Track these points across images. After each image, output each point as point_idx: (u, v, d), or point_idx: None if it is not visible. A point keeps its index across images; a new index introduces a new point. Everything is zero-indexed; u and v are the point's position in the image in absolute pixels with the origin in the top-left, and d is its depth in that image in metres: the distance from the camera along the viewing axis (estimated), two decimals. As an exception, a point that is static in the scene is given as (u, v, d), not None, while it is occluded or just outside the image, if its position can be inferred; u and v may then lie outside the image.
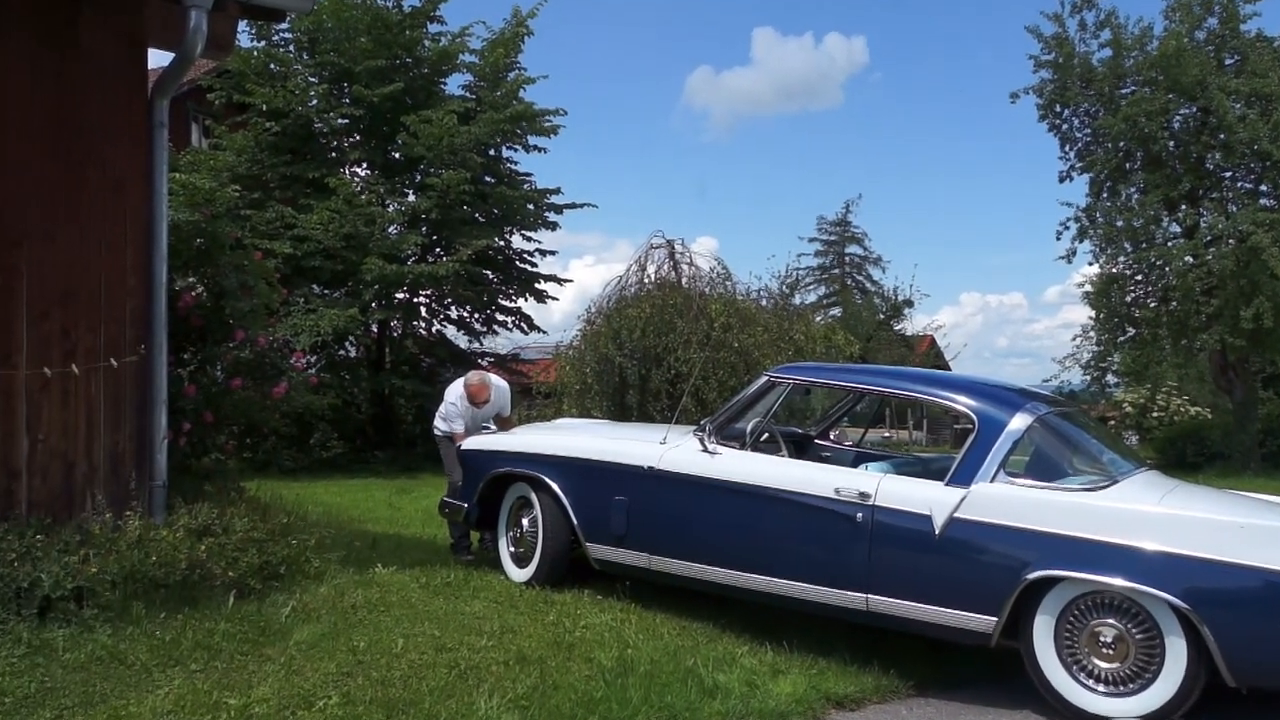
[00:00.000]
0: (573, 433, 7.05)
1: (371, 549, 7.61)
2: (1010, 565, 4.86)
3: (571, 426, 7.81)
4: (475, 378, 7.64)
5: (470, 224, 16.98)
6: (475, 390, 7.55)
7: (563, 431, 7.24)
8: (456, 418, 7.56)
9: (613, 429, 7.74)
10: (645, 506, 6.01)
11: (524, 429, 7.78)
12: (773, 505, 5.50)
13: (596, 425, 8.13)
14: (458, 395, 7.60)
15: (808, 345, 14.83)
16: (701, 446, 5.89)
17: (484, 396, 7.58)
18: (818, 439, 7.06)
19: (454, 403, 7.58)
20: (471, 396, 7.55)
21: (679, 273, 15.90)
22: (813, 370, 6.89)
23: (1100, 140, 19.33)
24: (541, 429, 7.65)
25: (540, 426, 8.00)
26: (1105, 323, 20.09)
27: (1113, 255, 19.30)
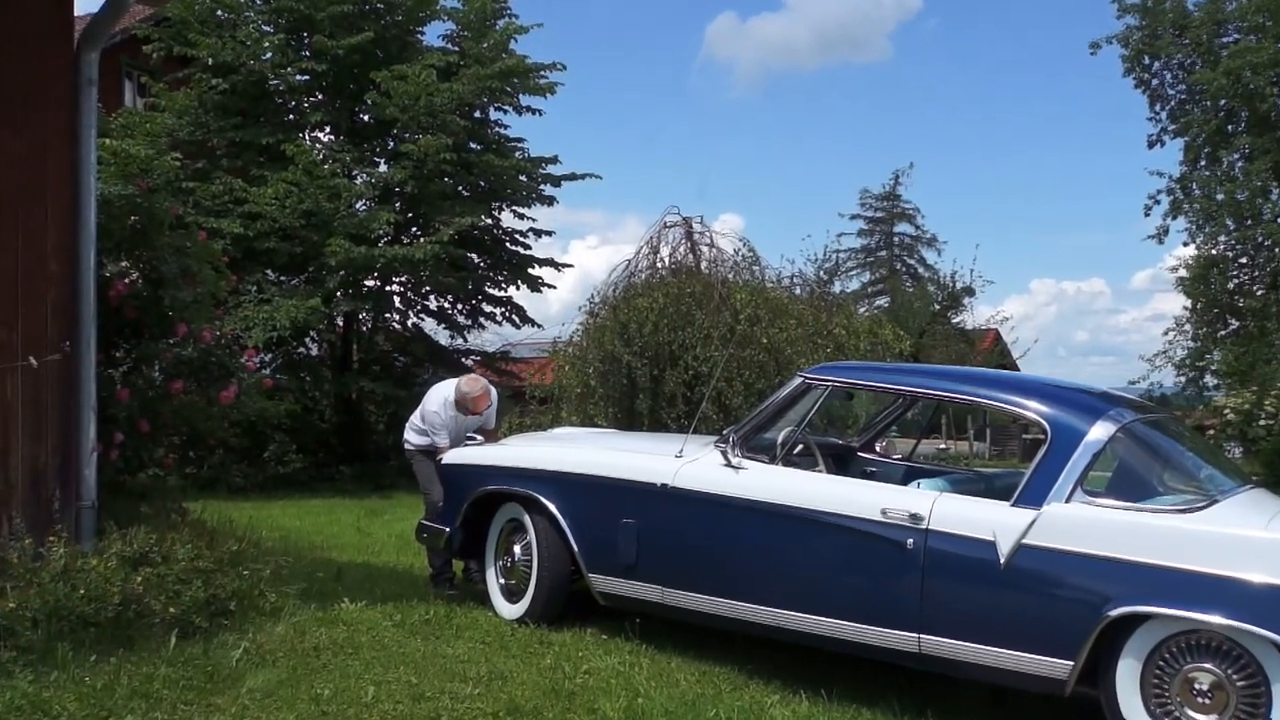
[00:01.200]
0: (573, 444, 7.06)
1: (337, 581, 7.64)
2: (1089, 600, 4.85)
3: (571, 437, 7.82)
4: (477, 385, 7.57)
5: (452, 199, 17.04)
6: (476, 399, 7.49)
7: (561, 443, 7.25)
8: (440, 429, 7.55)
9: (620, 439, 7.75)
10: (658, 531, 6.03)
11: (516, 439, 7.78)
12: (808, 529, 5.50)
13: (601, 435, 8.15)
14: (441, 402, 7.59)
15: (849, 341, 14.81)
16: (724, 460, 5.90)
17: (484, 406, 7.56)
18: (861, 451, 7.06)
19: (436, 410, 7.57)
20: (469, 406, 7.50)
21: (697, 256, 15.89)
22: (855, 370, 6.89)
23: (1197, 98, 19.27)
24: (536, 439, 7.66)
25: (535, 437, 8.02)
26: (1203, 314, 20.02)
27: (1212, 234, 19.23)
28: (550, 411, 15.99)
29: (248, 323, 14.94)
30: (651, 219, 32.25)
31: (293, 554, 8.06)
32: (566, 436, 7.91)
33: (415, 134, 16.55)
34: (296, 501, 14.14)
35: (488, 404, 7.59)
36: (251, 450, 15.74)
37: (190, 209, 15.07)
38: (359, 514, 12.77)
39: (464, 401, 7.50)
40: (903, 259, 44.58)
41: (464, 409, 7.52)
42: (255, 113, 17.02)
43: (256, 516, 10.86)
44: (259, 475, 15.51)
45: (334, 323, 17.32)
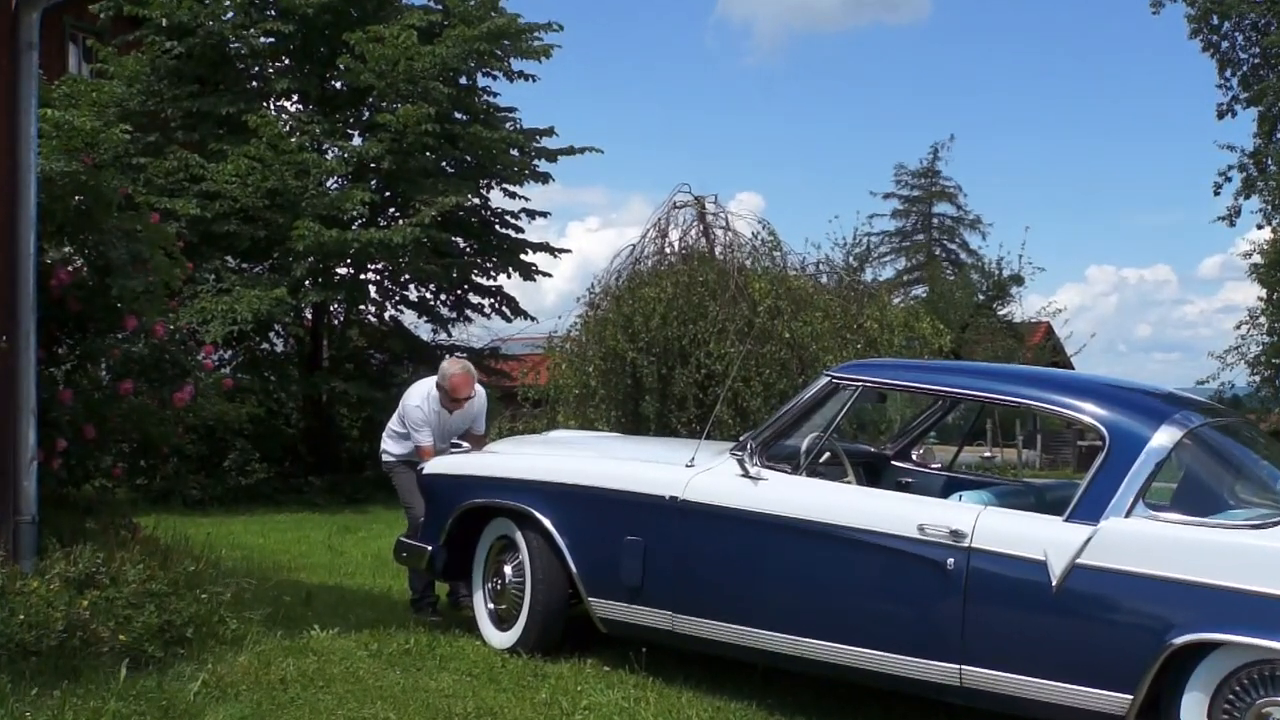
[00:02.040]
0: (571, 450, 7.06)
1: (306, 605, 7.64)
2: (1151, 626, 4.85)
3: (569, 441, 7.82)
4: (456, 366, 7.60)
5: (435, 176, 17.04)
6: (457, 383, 7.48)
7: (558, 448, 7.25)
8: (422, 426, 7.54)
9: (624, 445, 7.75)
10: (667, 549, 6.03)
11: (507, 444, 7.79)
12: (835, 548, 5.51)
13: (603, 440, 8.16)
14: (423, 396, 7.59)
15: (882, 336, 14.82)
16: (741, 470, 5.91)
17: (466, 392, 7.55)
18: (895, 460, 7.06)
19: (419, 405, 7.57)
20: (451, 390, 7.48)
21: (711, 240, 15.89)
22: (889, 369, 6.88)
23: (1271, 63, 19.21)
24: (530, 444, 7.66)
25: (529, 441, 8.02)
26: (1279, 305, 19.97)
27: (1290, 215, 19.18)
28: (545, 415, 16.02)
29: (205, 315, 14.94)
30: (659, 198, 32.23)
31: (256, 575, 8.08)
32: (563, 441, 7.91)
33: (393, 103, 16.55)
34: (260, 516, 14.15)
35: (471, 388, 7.59)
36: (209, 459, 15.75)
37: (141, 187, 15.06)
38: (330, 531, 12.78)
39: (446, 388, 7.48)
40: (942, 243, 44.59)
41: (447, 396, 7.50)
42: (214, 80, 17.02)
43: (216, 533, 10.88)
44: (218, 487, 15.52)
45: (302, 315, 17.30)
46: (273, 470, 16.55)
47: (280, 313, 15.59)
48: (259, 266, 16.91)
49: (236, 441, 16.02)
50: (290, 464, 17.04)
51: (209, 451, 15.59)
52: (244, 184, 15.73)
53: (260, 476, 16.26)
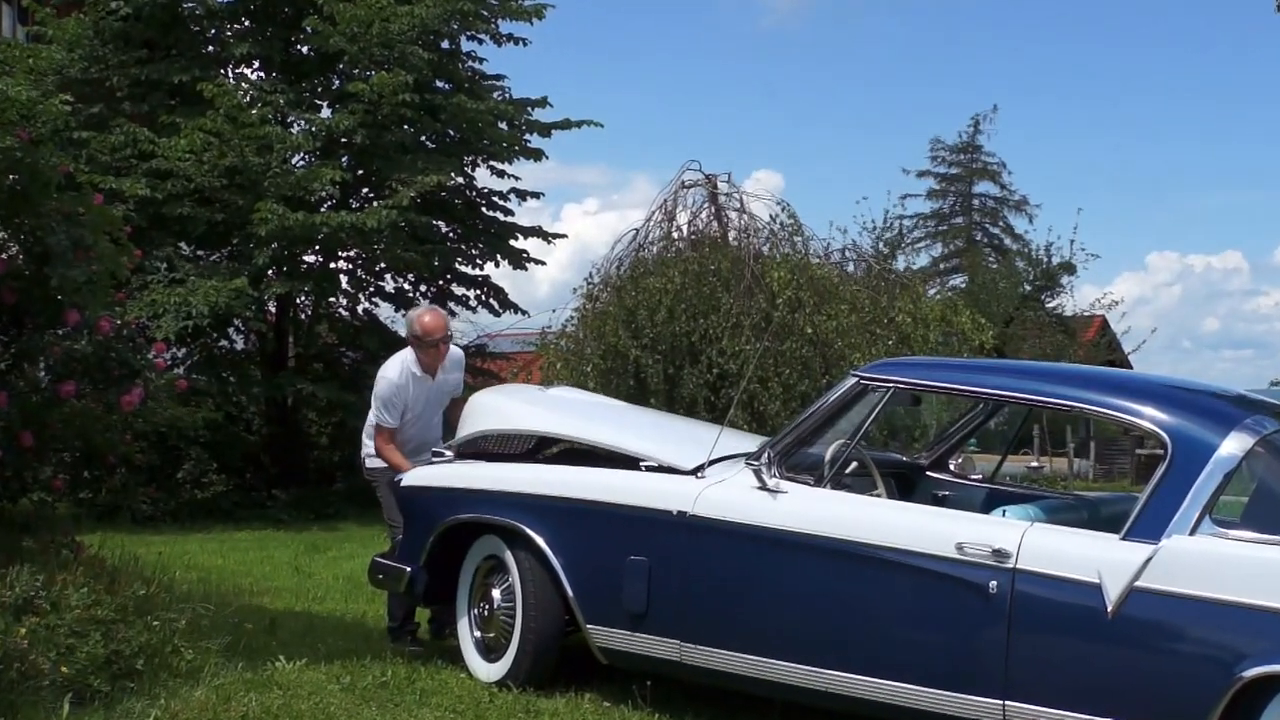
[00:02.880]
0: (570, 417, 7.20)
1: (269, 634, 7.67)
2: (1218, 657, 4.86)
3: (570, 404, 7.81)
4: (423, 307, 7.72)
5: (414, 152, 17.07)
6: (429, 324, 7.52)
7: (551, 411, 7.36)
8: (390, 404, 7.54)
9: (631, 417, 7.76)
10: (674, 570, 6.06)
11: (491, 395, 7.85)
12: (864, 569, 5.54)
13: (607, 408, 8.10)
14: (400, 366, 7.59)
15: (916, 331, 14.82)
16: (758, 482, 5.93)
17: (443, 331, 7.60)
18: (931, 470, 7.09)
19: (394, 379, 7.57)
20: (425, 333, 7.50)
21: (724, 224, 15.91)
22: (923, 368, 6.89)
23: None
24: (520, 399, 7.71)
25: (522, 391, 7.96)
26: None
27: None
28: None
29: (156, 309, 14.98)
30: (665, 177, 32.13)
31: (214, 600, 8.10)
32: (565, 402, 7.87)
33: (366, 70, 16.58)
34: (218, 534, 14.17)
35: (448, 328, 7.70)
36: (161, 470, 15.77)
37: (84, 165, 15.08)
38: (297, 550, 12.81)
39: (419, 330, 7.52)
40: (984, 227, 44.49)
41: (424, 346, 7.53)
42: (165, 44, 17.07)
43: (169, 553, 10.89)
44: (171, 501, 15.55)
45: (264, 309, 17.33)
46: (232, 482, 16.58)
47: (240, 306, 15.62)
48: (216, 254, 16.93)
49: (191, 450, 16.06)
50: (252, 475, 17.06)
51: (161, 461, 15.61)
52: (199, 161, 15.76)
53: (218, 489, 16.30)
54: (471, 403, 7.72)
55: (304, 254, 16.90)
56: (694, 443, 6.60)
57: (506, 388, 8.74)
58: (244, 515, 15.81)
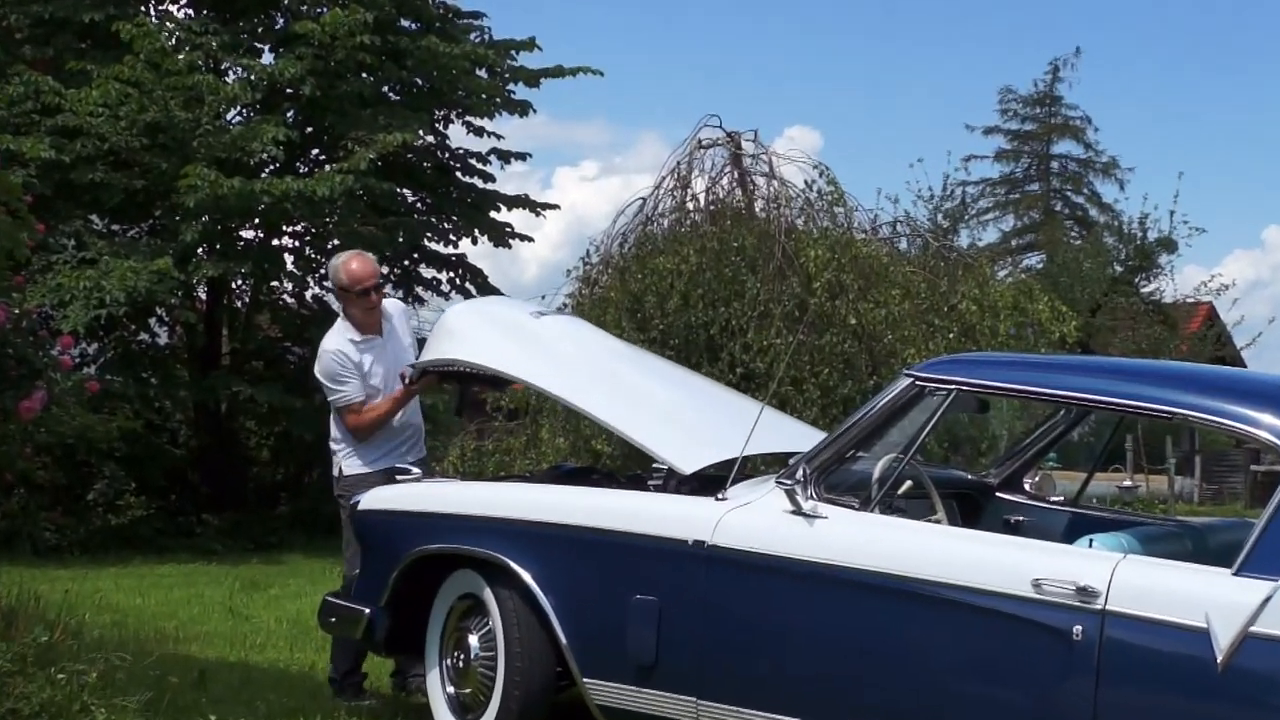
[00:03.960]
0: (556, 371, 7.22)
1: (199, 689, 7.65)
2: (1356, 719, 4.82)
3: (563, 346, 7.65)
4: (349, 256, 7.84)
5: (374, 105, 17.08)
6: (356, 269, 7.67)
7: (537, 357, 7.31)
8: (345, 377, 7.61)
9: (640, 377, 7.67)
10: (691, 612, 6.02)
11: (477, 313, 7.98)
12: (919, 611, 5.50)
13: (612, 358, 7.91)
14: (338, 339, 7.69)
15: (982, 321, 14.80)
16: (791, 505, 5.89)
17: (372, 277, 7.74)
18: (1001, 491, 7.07)
19: (331, 346, 7.68)
20: (353, 280, 7.64)
21: (750, 192, 15.87)
22: (992, 367, 6.83)
23: None
24: (504, 323, 7.66)
25: (503, 316, 7.95)
26: None
27: None
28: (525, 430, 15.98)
29: (62, 295, 14.98)
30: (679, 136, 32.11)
31: (132, 648, 8.07)
32: (558, 343, 7.68)
33: (316, 8, 16.58)
34: (137, 568, 14.17)
35: (377, 274, 7.85)
36: (68, 490, 15.81)
37: (-26, 123, 15.13)
38: (232, 587, 12.80)
39: (344, 278, 7.65)
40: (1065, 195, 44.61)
41: (355, 299, 7.67)
42: (73, -24, 17.06)
43: (77, 590, 10.89)
44: (80, 528, 15.57)
45: (193, 295, 17.35)
46: (154, 505, 16.60)
47: (164, 291, 15.63)
48: (135, 229, 16.96)
49: (105, 466, 16.08)
50: (178, 497, 17.09)
51: (68, 480, 15.65)
52: (114, 117, 15.76)
53: (137, 514, 16.32)
54: (446, 320, 7.79)
55: (241, 228, 16.91)
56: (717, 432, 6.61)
57: (491, 305, 8.59)
58: (168, 545, 15.84)
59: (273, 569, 14.46)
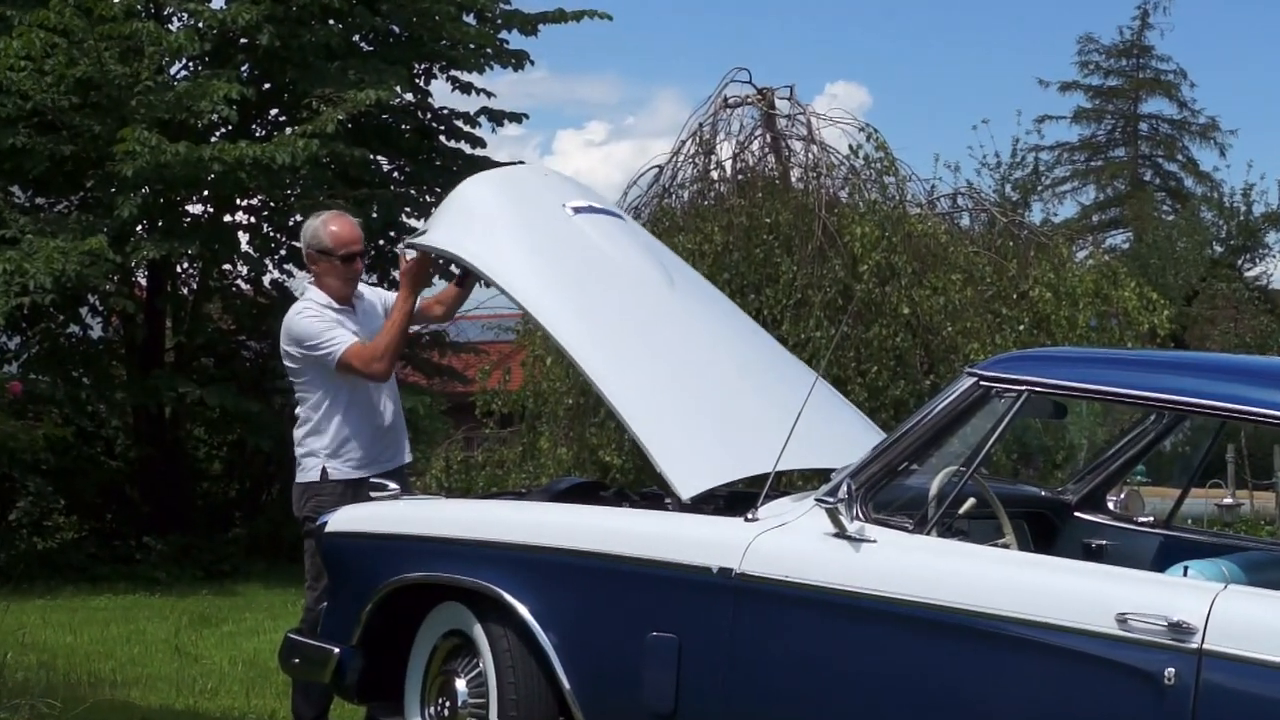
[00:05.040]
0: (573, 305, 7.14)
1: (140, 742, 7.68)
2: None
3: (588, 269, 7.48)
4: (330, 216, 7.90)
5: (343, 57, 17.05)
6: (339, 230, 7.73)
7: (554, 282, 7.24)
8: (330, 329, 7.57)
9: (679, 337, 7.50)
10: (716, 652, 6.03)
11: (496, 192, 7.74)
12: (984, 650, 5.51)
13: (647, 292, 7.64)
14: (306, 304, 7.70)
15: (1058, 311, 14.81)
16: (834, 526, 5.88)
17: (358, 244, 7.80)
18: (1079, 510, 7.08)
19: (306, 307, 7.67)
20: (337, 242, 7.69)
21: (785, 158, 15.90)
22: (1069, 364, 6.82)
23: None
24: (522, 217, 7.54)
25: (523, 203, 7.73)
26: None
27: None
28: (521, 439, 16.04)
29: (-22, 280, 15.01)
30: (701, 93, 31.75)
31: (62, 693, 8.10)
32: (585, 261, 7.51)
33: (274, -58, 16.59)
34: (68, 599, 14.19)
35: (359, 234, 7.87)
36: (-12, 507, 15.85)
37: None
38: (178, 622, 12.83)
39: (327, 239, 7.70)
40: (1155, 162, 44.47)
41: (335, 262, 7.70)
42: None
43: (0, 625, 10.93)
44: (1, 553, 15.59)
45: (131, 280, 17.36)
46: (87, 527, 16.64)
47: (97, 275, 15.62)
48: (63, 202, 16.95)
49: (29, 481, 16.10)
50: (114, 517, 17.12)
51: (-14, 497, 15.69)
52: (39, 71, 15.76)
53: (67, 536, 16.36)
54: (461, 192, 7.74)
55: (187, 202, 16.91)
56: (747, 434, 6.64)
57: (519, 183, 8.13)
58: (103, 573, 15.83)
59: (225, 601, 14.47)
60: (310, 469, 7.78)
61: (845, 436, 7.02)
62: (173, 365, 17.72)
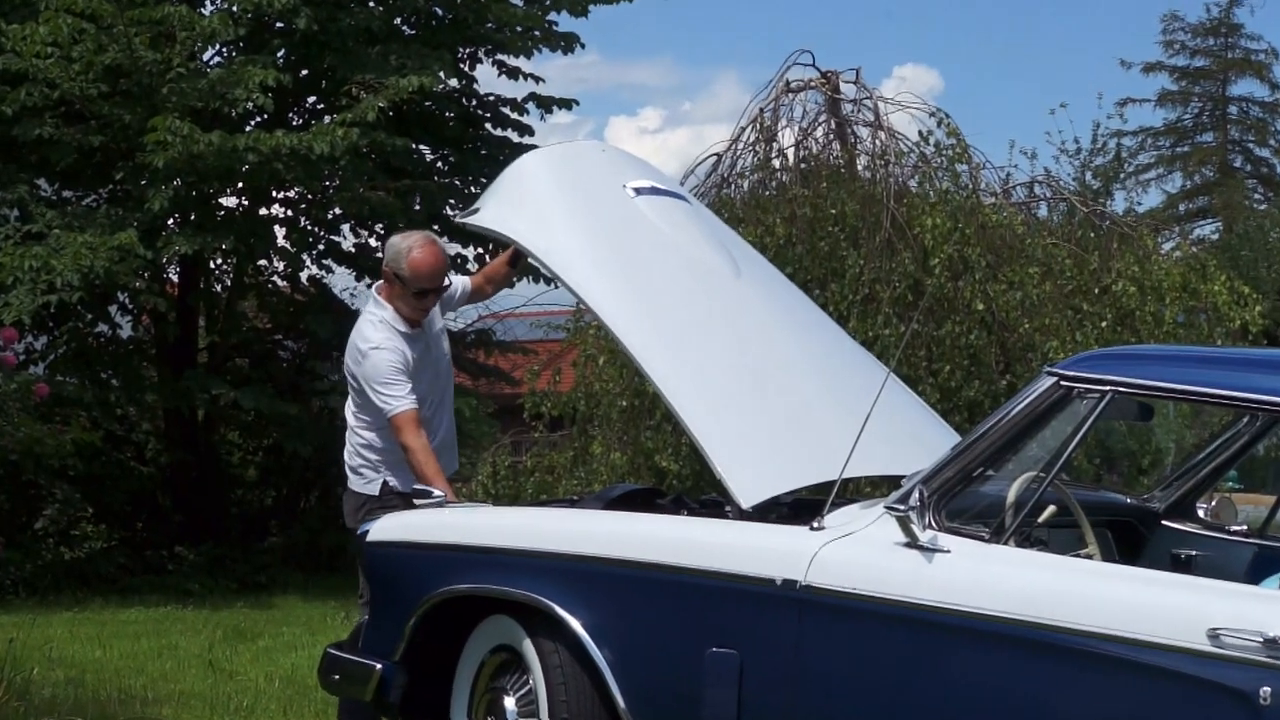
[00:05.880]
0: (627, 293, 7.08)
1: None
2: None
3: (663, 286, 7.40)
4: (412, 236, 7.66)
5: (385, 42, 17.07)
6: (422, 259, 7.47)
7: (607, 270, 7.19)
8: (397, 378, 7.44)
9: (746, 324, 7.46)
10: (780, 669, 6.01)
11: (549, 169, 7.68)
12: (1067, 668, 5.46)
13: (716, 286, 7.58)
14: (376, 329, 7.53)
15: (1144, 307, 14.72)
16: (905, 535, 5.85)
17: (443, 277, 7.63)
18: (1168, 518, 7.03)
19: (378, 339, 7.49)
20: (416, 273, 7.46)
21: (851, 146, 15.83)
22: (1156, 363, 6.77)
23: None
24: (579, 195, 7.50)
25: (580, 182, 7.66)
26: None
27: None
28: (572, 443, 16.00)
29: (3, 277, 15.06)
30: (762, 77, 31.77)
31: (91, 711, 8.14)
32: (657, 269, 7.48)
33: (314, -79, 16.62)
34: (97, 612, 14.25)
35: (445, 268, 7.68)
36: (12, 517, 15.91)
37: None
38: (212, 636, 12.88)
39: (406, 269, 7.48)
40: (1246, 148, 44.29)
41: (410, 292, 7.50)
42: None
43: (24, 640, 10.94)
44: (25, 564, 15.66)
45: (163, 276, 17.40)
46: (116, 536, 16.70)
47: (127, 272, 15.68)
48: (92, 196, 17.01)
49: (56, 488, 16.15)
50: (146, 525, 17.17)
51: (11, 505, 15.75)
52: (65, 58, 15.81)
53: (96, 546, 16.40)
54: (519, 168, 7.70)
55: (221, 194, 16.94)
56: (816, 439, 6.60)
57: (568, 159, 7.97)
58: (134, 584, 15.92)
59: (262, 614, 14.52)
60: (370, 480, 7.79)
61: (917, 440, 7.01)
62: (206, 366, 17.79)
